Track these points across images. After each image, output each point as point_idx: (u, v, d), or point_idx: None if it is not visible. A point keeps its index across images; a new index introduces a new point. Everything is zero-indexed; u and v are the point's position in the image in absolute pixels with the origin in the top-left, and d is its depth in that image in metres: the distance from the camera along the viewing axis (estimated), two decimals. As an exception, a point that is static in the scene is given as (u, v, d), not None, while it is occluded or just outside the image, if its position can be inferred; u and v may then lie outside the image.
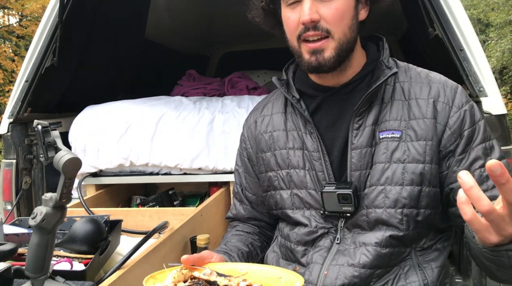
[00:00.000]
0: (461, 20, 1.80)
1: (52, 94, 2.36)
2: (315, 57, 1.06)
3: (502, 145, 1.75)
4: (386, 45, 1.16)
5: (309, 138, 1.15)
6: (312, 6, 1.03)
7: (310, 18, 1.03)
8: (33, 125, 0.97)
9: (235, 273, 0.98)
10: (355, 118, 1.10)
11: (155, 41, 3.34)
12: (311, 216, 1.15)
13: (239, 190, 1.35)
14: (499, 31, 12.90)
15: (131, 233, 1.57)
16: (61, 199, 0.95)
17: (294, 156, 1.17)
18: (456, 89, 1.11)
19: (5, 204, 2.17)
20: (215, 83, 3.12)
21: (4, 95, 11.13)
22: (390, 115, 1.09)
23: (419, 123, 1.07)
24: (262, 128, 1.26)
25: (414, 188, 1.06)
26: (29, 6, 11.46)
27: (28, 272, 0.97)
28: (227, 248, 1.21)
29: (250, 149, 1.30)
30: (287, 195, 1.19)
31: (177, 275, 0.92)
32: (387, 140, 1.08)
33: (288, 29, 1.10)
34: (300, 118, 1.18)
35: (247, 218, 1.34)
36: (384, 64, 1.11)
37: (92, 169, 2.15)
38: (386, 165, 1.07)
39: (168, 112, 2.13)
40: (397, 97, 1.11)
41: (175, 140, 2.06)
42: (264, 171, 1.24)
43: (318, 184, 1.14)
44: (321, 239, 1.14)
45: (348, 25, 1.06)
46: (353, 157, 1.10)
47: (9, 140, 2.17)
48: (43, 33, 2.13)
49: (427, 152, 1.06)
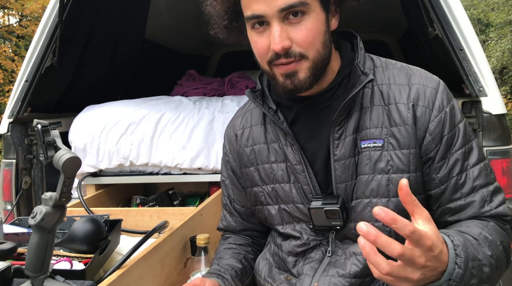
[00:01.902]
0: (461, 20, 1.80)
1: (52, 94, 2.36)
2: (290, 81, 1.00)
3: (502, 144, 1.75)
4: (360, 44, 1.09)
5: (290, 150, 1.10)
6: (282, 32, 0.95)
7: (281, 46, 0.95)
8: (33, 124, 0.97)
9: None
10: (335, 128, 1.05)
11: (155, 42, 3.34)
12: (302, 229, 1.12)
13: (228, 202, 1.31)
14: (499, 31, 12.89)
15: (131, 233, 1.57)
16: (60, 198, 0.95)
17: (278, 170, 1.13)
18: (437, 88, 1.04)
19: (5, 203, 2.17)
20: (215, 83, 3.13)
21: (4, 95, 11.13)
22: (371, 122, 1.04)
23: (400, 131, 1.02)
24: (242, 142, 1.21)
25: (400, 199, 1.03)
26: (29, 6, 11.46)
27: (28, 271, 0.97)
28: (220, 269, 1.17)
29: (233, 162, 1.25)
30: (275, 210, 1.15)
31: None
32: (369, 150, 1.03)
33: (257, 54, 1.03)
34: (279, 129, 1.12)
35: (239, 230, 1.31)
36: (359, 69, 1.04)
37: (92, 169, 2.15)
38: (370, 177, 1.03)
39: (168, 112, 2.13)
40: (376, 102, 1.05)
41: (175, 140, 2.06)
42: (249, 185, 1.20)
43: (305, 197, 1.10)
44: (312, 251, 1.11)
45: (321, 42, 0.99)
46: (337, 169, 1.05)
47: (9, 140, 2.17)
48: (43, 33, 2.13)
49: (411, 160, 1.01)
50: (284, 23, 0.96)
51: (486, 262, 0.90)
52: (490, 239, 0.95)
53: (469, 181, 1.02)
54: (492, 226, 1.00)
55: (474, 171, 1.02)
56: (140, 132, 2.09)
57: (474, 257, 0.87)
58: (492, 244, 0.94)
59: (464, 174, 1.02)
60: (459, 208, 1.03)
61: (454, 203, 1.03)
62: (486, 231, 0.97)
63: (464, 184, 1.02)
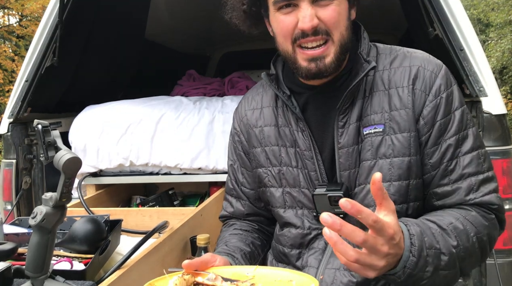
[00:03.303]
0: (461, 20, 1.80)
1: (52, 94, 2.36)
2: (315, 64, 1.03)
3: (502, 145, 1.75)
4: (364, 34, 1.13)
5: (301, 136, 1.12)
6: (312, 11, 1.00)
7: (311, 25, 1.00)
8: (33, 125, 0.97)
9: (242, 277, 0.91)
10: (339, 117, 1.08)
11: (155, 41, 3.34)
12: (304, 216, 1.13)
13: (235, 186, 1.29)
14: (499, 31, 12.89)
15: (131, 233, 1.57)
16: (61, 199, 0.95)
17: (287, 154, 1.15)
18: (437, 73, 1.06)
19: (5, 203, 2.17)
20: (215, 83, 3.12)
21: (4, 95, 11.12)
22: (372, 108, 1.06)
23: (401, 114, 1.04)
24: (252, 121, 1.22)
25: (401, 183, 1.04)
26: (29, 6, 11.45)
27: (28, 271, 0.97)
28: (229, 249, 1.16)
29: (244, 141, 1.25)
30: (278, 193, 1.16)
31: (179, 281, 0.86)
32: (371, 136, 1.06)
33: (281, 32, 1.06)
34: (291, 114, 1.14)
35: (246, 214, 1.29)
36: (362, 57, 1.08)
37: (92, 169, 2.15)
38: (372, 162, 1.05)
39: (168, 112, 2.13)
40: (377, 88, 1.08)
41: (175, 140, 2.06)
42: (255, 166, 1.21)
43: (311, 183, 1.11)
44: (315, 241, 1.12)
45: (345, 26, 1.05)
46: (341, 157, 1.08)
47: (9, 140, 2.17)
48: (43, 33, 2.13)
49: (411, 144, 1.03)
50: (313, 4, 1.01)
51: (445, 251, 0.93)
52: (461, 229, 0.97)
53: (459, 168, 1.04)
54: (472, 216, 1.01)
55: (466, 158, 1.04)
56: (140, 133, 2.09)
57: (431, 246, 0.90)
58: (461, 235, 0.96)
59: (455, 160, 1.04)
60: (445, 193, 1.05)
61: (441, 188, 1.05)
62: (460, 221, 0.99)
63: (453, 171, 1.04)
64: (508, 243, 1.76)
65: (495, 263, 1.72)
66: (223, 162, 2.04)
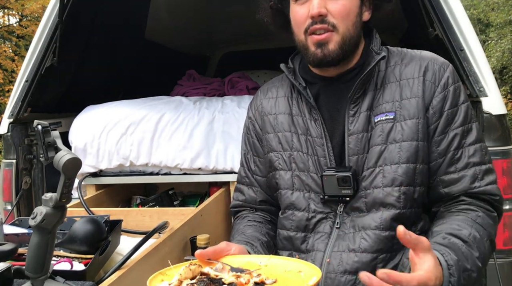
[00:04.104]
0: (461, 20, 1.80)
1: (52, 94, 2.36)
2: (320, 49, 1.12)
3: (502, 145, 1.75)
4: (376, 35, 1.22)
5: (314, 124, 1.19)
6: (321, 1, 1.10)
7: (318, 11, 1.09)
8: (33, 125, 0.97)
9: (254, 266, 0.93)
10: (350, 105, 1.15)
11: (155, 41, 3.33)
12: (310, 199, 1.17)
13: (248, 174, 1.34)
14: (499, 31, 12.88)
15: (131, 233, 1.57)
16: (61, 199, 0.95)
17: (298, 140, 1.21)
18: (446, 67, 1.15)
19: (5, 204, 2.17)
20: (215, 83, 3.12)
21: (4, 95, 11.12)
22: (383, 99, 1.15)
23: (411, 102, 1.11)
24: (267, 109, 1.30)
25: (409, 165, 1.09)
26: (29, 6, 11.45)
27: (28, 272, 0.97)
28: (247, 238, 1.18)
29: (258, 129, 1.32)
30: (288, 176, 1.21)
31: (184, 271, 0.87)
32: (381, 123, 1.13)
33: (296, 23, 1.16)
34: (305, 105, 1.22)
35: (260, 202, 1.32)
36: (373, 51, 1.17)
37: (92, 169, 2.15)
38: (382, 147, 1.11)
39: (168, 112, 2.13)
40: (389, 81, 1.16)
41: (175, 140, 2.06)
42: (266, 151, 1.27)
43: (320, 168, 1.17)
44: (320, 225, 1.16)
45: (353, 22, 1.13)
46: (350, 142, 1.14)
47: (9, 141, 2.17)
48: (43, 33, 2.13)
49: (419, 129, 1.10)
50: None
51: (474, 269, 0.97)
52: (478, 238, 1.02)
53: (464, 157, 1.11)
54: (481, 219, 1.07)
55: (470, 149, 1.11)
56: (140, 133, 2.09)
57: (465, 269, 0.95)
58: (480, 244, 1.01)
59: (461, 150, 1.11)
60: (452, 181, 1.11)
61: (447, 176, 1.12)
62: (475, 228, 1.03)
63: (459, 159, 1.11)
64: (508, 243, 1.76)
65: (495, 263, 1.72)
66: (223, 162, 2.04)
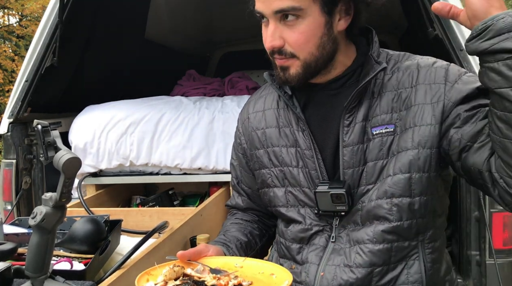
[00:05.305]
0: (461, 20, 1.80)
1: (52, 94, 2.36)
2: (283, 73, 1.06)
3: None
4: (375, 38, 1.13)
5: (301, 135, 1.13)
6: (275, 31, 1.01)
7: (271, 45, 1.02)
8: (33, 125, 0.97)
9: (230, 267, 0.97)
10: (345, 115, 1.08)
11: (155, 41, 3.33)
12: (306, 213, 1.14)
13: (235, 183, 1.35)
14: (499, 31, 12.88)
15: (131, 233, 1.57)
16: (61, 199, 0.95)
17: (287, 154, 1.16)
18: (447, 67, 1.07)
19: (5, 204, 2.17)
20: (215, 83, 3.13)
21: (4, 95, 11.12)
22: (380, 109, 1.07)
23: (413, 110, 1.04)
24: (254, 124, 1.24)
25: (400, 175, 1.03)
26: (29, 6, 11.45)
27: (28, 271, 0.97)
28: (226, 238, 1.20)
29: (244, 144, 1.28)
30: (281, 192, 1.18)
31: (168, 272, 0.90)
32: (381, 135, 1.06)
33: (264, 43, 1.08)
34: (292, 115, 1.15)
35: (245, 209, 1.34)
36: (373, 59, 1.07)
37: (92, 169, 2.15)
38: (384, 162, 1.05)
39: (168, 112, 2.13)
40: (386, 90, 1.08)
41: (175, 140, 2.06)
42: (258, 168, 1.23)
43: (312, 182, 1.12)
44: (316, 237, 1.13)
45: (316, 45, 1.03)
46: (345, 155, 1.08)
47: (9, 140, 2.17)
48: (43, 33, 2.13)
49: (423, 136, 1.02)
50: (281, 23, 1.01)
51: None
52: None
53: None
54: None
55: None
56: (140, 133, 2.09)
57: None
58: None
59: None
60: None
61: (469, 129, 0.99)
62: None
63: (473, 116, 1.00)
64: (508, 243, 1.76)
65: (495, 263, 1.72)
66: (223, 162, 2.04)
